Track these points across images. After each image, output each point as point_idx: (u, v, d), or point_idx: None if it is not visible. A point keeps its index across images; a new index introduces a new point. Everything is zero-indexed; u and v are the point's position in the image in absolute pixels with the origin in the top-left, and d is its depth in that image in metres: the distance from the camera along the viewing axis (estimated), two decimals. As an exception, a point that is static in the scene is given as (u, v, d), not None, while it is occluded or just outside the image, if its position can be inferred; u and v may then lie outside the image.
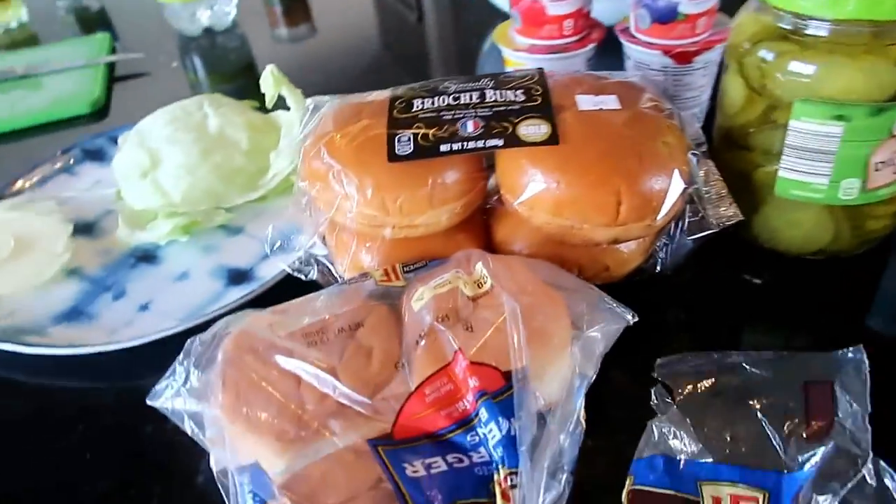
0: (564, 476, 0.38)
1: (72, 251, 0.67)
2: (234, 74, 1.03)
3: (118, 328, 0.59)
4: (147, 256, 0.67)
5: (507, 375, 0.42)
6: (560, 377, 0.44)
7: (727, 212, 0.54)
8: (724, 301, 0.57)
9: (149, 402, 0.44)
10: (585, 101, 0.54)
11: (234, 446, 0.42)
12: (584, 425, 0.41)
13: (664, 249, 0.56)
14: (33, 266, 0.65)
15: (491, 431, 0.40)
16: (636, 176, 0.50)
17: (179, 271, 0.65)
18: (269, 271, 0.62)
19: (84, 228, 0.71)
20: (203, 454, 0.43)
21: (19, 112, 0.98)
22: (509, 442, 0.39)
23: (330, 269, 0.57)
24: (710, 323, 0.56)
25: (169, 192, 0.69)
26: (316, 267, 0.57)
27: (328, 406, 0.43)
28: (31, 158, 0.82)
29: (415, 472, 0.39)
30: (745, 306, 0.57)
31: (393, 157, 0.51)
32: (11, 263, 0.65)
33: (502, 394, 0.41)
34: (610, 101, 0.53)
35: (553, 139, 0.51)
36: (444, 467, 0.39)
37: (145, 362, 0.56)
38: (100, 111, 0.99)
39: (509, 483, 0.38)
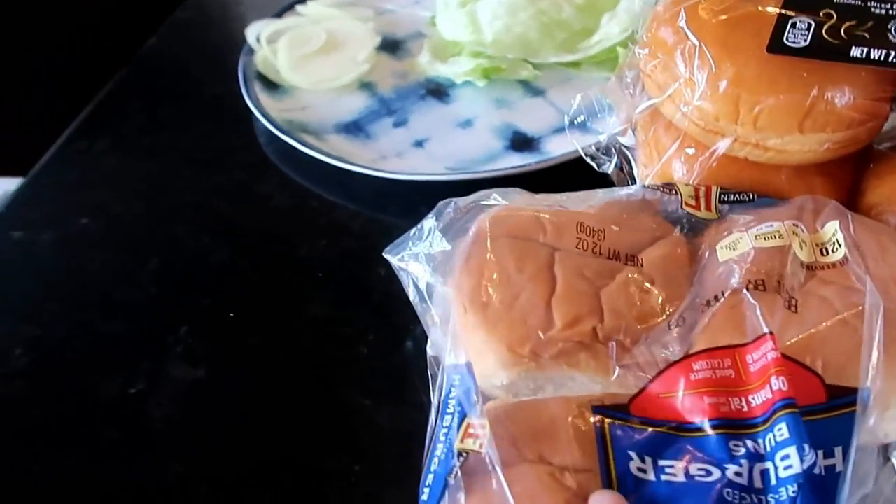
0: None
1: (372, 63, 0.64)
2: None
3: (388, 156, 0.56)
4: (438, 91, 0.62)
5: (832, 391, 0.29)
6: None
7: None
8: None
9: (385, 255, 0.38)
10: None
11: (458, 336, 0.35)
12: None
13: None
14: (336, 67, 0.63)
15: (786, 459, 0.27)
16: None
17: (465, 117, 0.59)
18: (558, 147, 0.53)
19: (389, 45, 0.68)
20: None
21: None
22: (811, 484, 0.27)
23: (631, 168, 0.46)
24: None
25: (482, 28, 0.61)
26: (615, 159, 0.46)
27: (580, 332, 0.33)
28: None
29: (641, 470, 0.28)
30: None
31: (776, 46, 0.37)
32: (318, 58, 0.64)
33: (817, 413, 0.29)
34: None
35: None
36: (680, 477, 0.28)
37: (400, 200, 0.52)
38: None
39: None
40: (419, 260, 0.38)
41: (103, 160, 0.60)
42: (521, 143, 0.56)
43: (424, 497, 0.30)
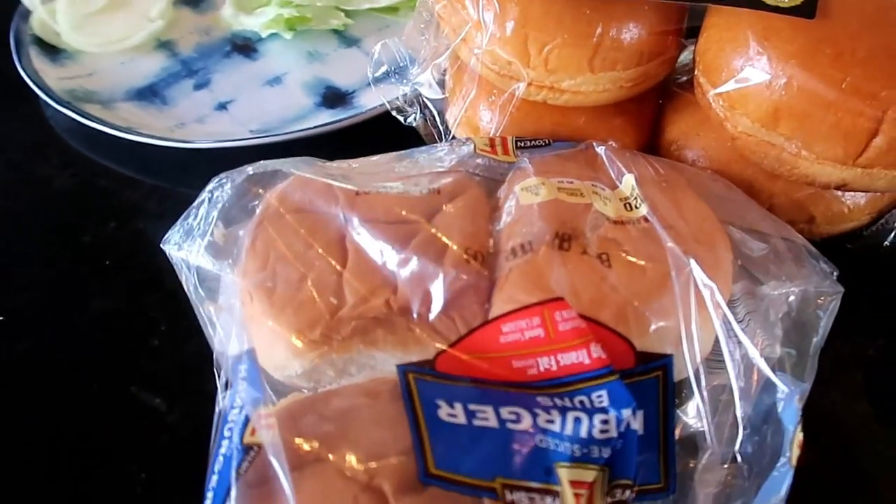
0: None
1: (168, 20, 0.58)
2: None
3: (187, 123, 0.51)
4: (245, 47, 0.57)
5: (641, 357, 0.29)
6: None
7: None
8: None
9: (162, 247, 0.34)
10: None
11: (244, 328, 0.31)
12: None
13: (909, 218, 0.38)
14: (125, 25, 0.57)
15: (605, 424, 0.27)
16: (923, 98, 0.31)
17: (273, 74, 0.55)
18: (372, 101, 0.50)
19: (191, -1, 0.61)
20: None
21: None
22: (633, 444, 0.26)
23: (436, 118, 0.44)
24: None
25: (285, -27, 0.57)
26: (419, 110, 0.44)
27: (373, 307, 0.31)
28: None
29: (451, 416, 0.27)
30: None
31: (557, -19, 0.36)
32: (102, 18, 0.57)
33: (624, 377, 0.28)
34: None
35: (807, 8, 0.33)
36: (492, 422, 0.27)
37: (202, 171, 0.47)
38: None
39: (612, 496, 0.26)
40: (198, 247, 0.34)
41: None
42: (334, 98, 0.52)
43: (208, 502, 0.27)
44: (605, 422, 0.26)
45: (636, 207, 0.32)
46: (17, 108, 0.54)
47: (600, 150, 0.36)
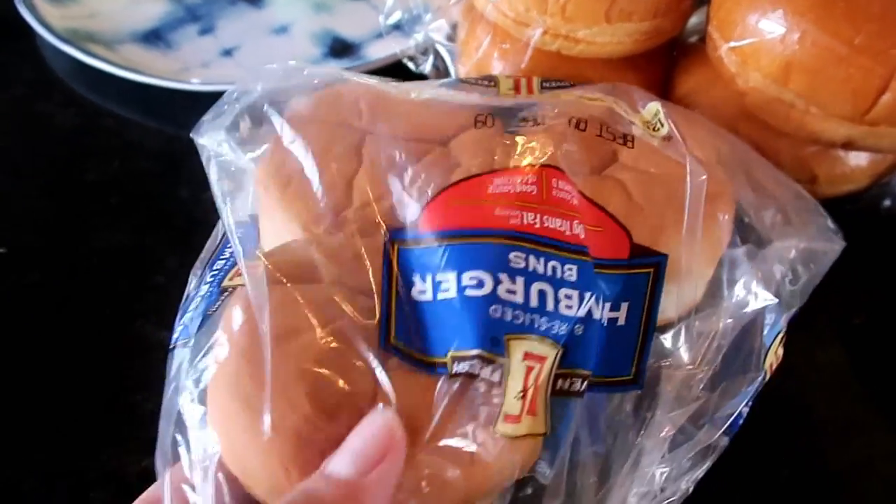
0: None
1: (172, -36, 0.57)
2: None
3: (192, 67, 0.50)
4: (252, -5, 0.56)
5: (636, 249, 0.28)
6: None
7: None
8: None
9: (192, 136, 0.33)
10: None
11: (258, 214, 0.32)
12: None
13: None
14: (126, -31, 0.56)
15: (569, 299, 0.26)
16: (932, 56, 0.32)
17: (280, 23, 0.54)
18: (379, 52, 0.50)
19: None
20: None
21: None
22: (589, 328, 0.26)
23: (448, 66, 0.44)
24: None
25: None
26: (432, 58, 0.44)
27: (376, 211, 0.31)
28: None
29: (421, 293, 0.27)
30: None
31: (578, -72, 0.36)
32: (104, -41, 0.56)
33: (616, 268, 0.28)
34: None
35: (825, -38, 0.33)
36: (452, 293, 0.26)
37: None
38: None
39: (563, 383, 0.26)
40: (224, 137, 0.33)
41: None
42: (341, 49, 0.52)
43: (175, 334, 0.28)
44: (569, 297, 0.26)
45: (657, 129, 0.32)
46: (13, 47, 0.53)
47: (622, 86, 0.36)
